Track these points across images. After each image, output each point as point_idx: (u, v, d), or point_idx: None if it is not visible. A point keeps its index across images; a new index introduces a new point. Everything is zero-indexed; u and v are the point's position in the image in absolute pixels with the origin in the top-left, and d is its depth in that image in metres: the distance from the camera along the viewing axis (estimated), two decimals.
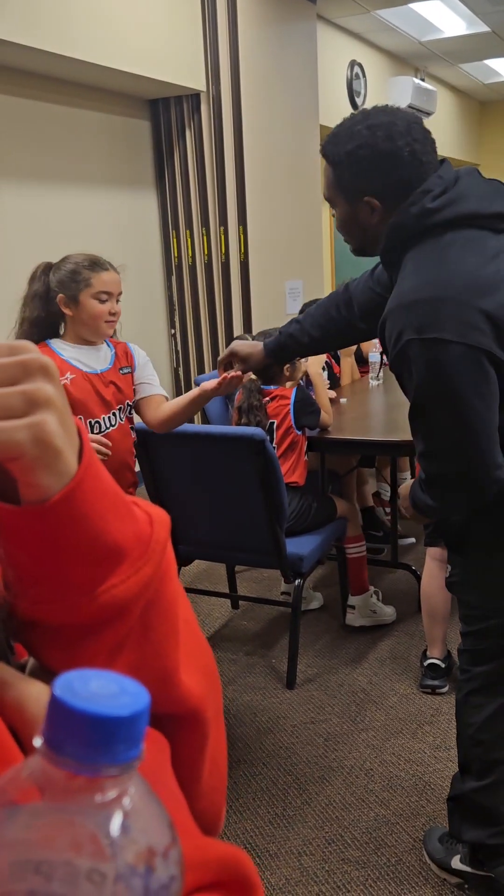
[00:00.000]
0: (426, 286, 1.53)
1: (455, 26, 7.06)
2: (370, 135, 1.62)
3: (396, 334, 1.55)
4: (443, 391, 1.53)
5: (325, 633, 3.39)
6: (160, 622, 0.51)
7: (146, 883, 0.33)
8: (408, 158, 1.62)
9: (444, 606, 2.87)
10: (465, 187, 1.61)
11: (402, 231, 1.61)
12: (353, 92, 7.07)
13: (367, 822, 2.27)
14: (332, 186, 1.73)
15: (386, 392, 4.16)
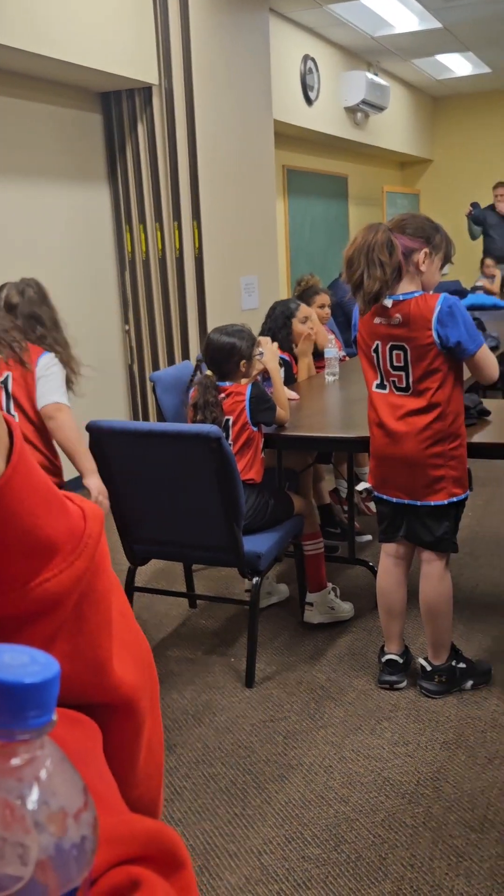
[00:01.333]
0: None
1: (407, 22, 7.09)
2: None
3: None
4: None
5: (284, 630, 3.38)
6: (93, 614, 0.53)
7: (58, 842, 0.36)
8: None
9: (401, 602, 2.88)
10: None
11: None
12: (306, 86, 7.07)
13: (326, 819, 2.27)
14: None
15: (342, 388, 4.16)
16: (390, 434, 2.66)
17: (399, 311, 2.55)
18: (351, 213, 9.22)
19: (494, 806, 2.28)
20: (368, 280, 2.47)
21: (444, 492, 2.64)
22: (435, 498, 2.65)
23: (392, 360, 2.61)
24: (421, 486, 2.65)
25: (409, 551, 2.84)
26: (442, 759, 2.50)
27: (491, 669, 2.92)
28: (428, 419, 2.59)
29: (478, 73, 9.23)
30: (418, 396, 2.59)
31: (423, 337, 2.53)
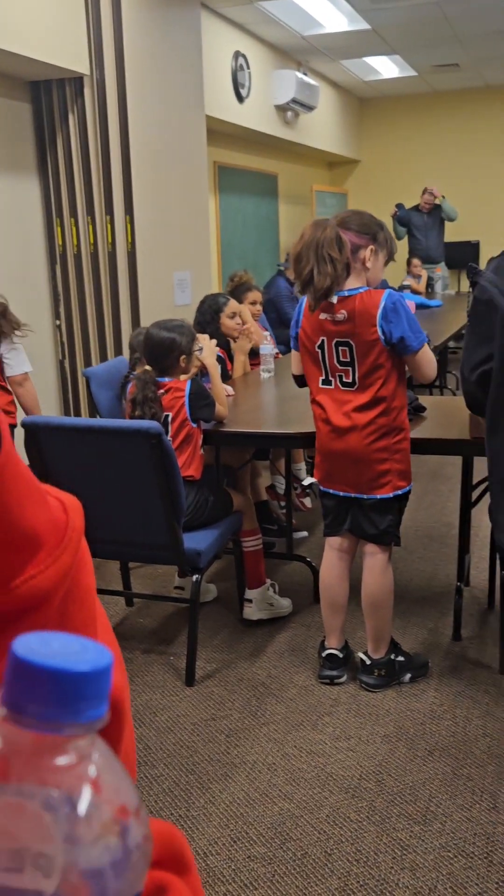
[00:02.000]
0: None
1: (336, 22, 7.13)
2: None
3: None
4: None
5: (223, 627, 3.36)
6: (77, 611, 0.50)
7: (124, 842, 0.33)
8: None
9: (343, 596, 2.89)
10: None
11: None
12: (237, 83, 7.05)
13: (271, 817, 2.26)
14: None
15: (278, 384, 4.16)
16: (336, 429, 2.67)
17: (344, 307, 2.56)
18: (281, 212, 9.25)
19: (436, 798, 2.30)
20: (319, 276, 2.47)
21: (389, 485, 2.67)
22: (381, 491, 2.68)
23: (338, 356, 2.62)
24: (367, 479, 2.68)
25: (352, 545, 2.86)
26: (383, 752, 2.52)
27: (428, 662, 2.96)
28: (373, 414, 2.61)
29: (404, 76, 9.36)
30: (364, 392, 2.61)
31: (368, 333, 2.54)
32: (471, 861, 2.06)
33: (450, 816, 2.23)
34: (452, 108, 10.56)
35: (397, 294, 2.57)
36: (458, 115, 10.54)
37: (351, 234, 2.57)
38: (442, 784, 2.36)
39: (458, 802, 2.28)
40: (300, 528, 4.36)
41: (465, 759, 2.46)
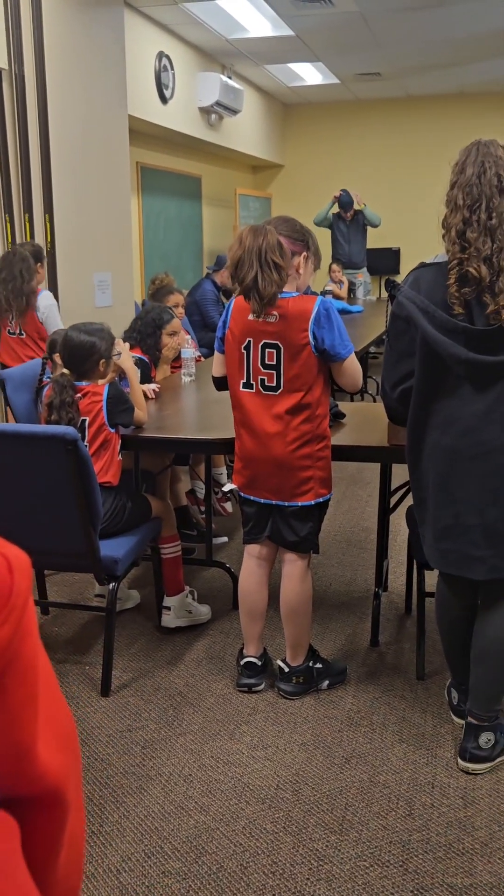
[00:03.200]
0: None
1: (261, 27, 7.15)
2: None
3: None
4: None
5: (141, 635, 3.30)
6: (17, 686, 0.44)
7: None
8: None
9: (262, 603, 2.87)
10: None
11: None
12: (161, 84, 6.99)
13: (186, 830, 2.22)
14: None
15: (199, 389, 4.12)
16: (258, 435, 2.65)
17: (276, 309, 2.55)
18: (205, 214, 9.22)
19: (353, 806, 2.30)
20: (264, 282, 2.47)
21: (311, 493, 2.66)
22: (302, 499, 2.67)
23: (263, 359, 2.59)
24: (289, 487, 2.66)
25: (272, 552, 2.84)
26: (301, 760, 2.50)
27: (346, 669, 2.96)
28: (297, 420, 2.60)
29: (327, 83, 9.45)
30: (288, 396, 2.59)
31: (298, 337, 2.54)
32: (386, 870, 2.07)
33: (366, 825, 2.23)
34: (375, 117, 10.71)
35: (329, 301, 2.59)
36: (381, 123, 10.69)
37: (286, 240, 2.58)
38: (359, 792, 2.36)
39: (374, 810, 2.28)
40: (220, 533, 4.33)
41: (381, 766, 2.47)
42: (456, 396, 2.21)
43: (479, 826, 2.22)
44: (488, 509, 2.24)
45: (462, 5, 6.43)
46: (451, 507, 2.28)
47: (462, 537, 2.28)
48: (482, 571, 2.29)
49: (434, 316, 2.15)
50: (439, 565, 2.38)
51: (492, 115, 10.07)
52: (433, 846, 2.14)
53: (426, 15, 6.69)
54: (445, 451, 2.25)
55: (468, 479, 2.24)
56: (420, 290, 2.20)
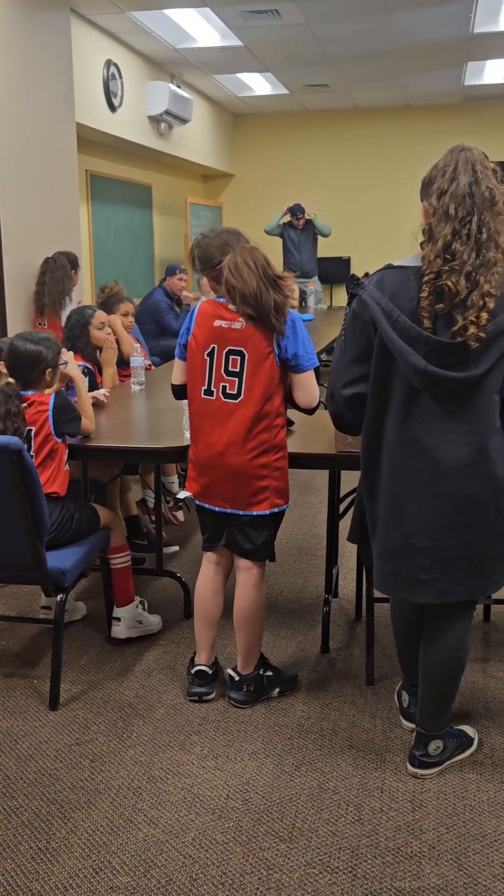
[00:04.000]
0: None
1: (209, 37, 7.17)
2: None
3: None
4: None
5: (90, 647, 3.27)
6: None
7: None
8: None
9: (217, 611, 2.86)
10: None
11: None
12: (109, 92, 6.97)
13: (135, 843, 2.20)
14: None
15: (149, 397, 4.11)
16: (216, 443, 2.64)
17: (242, 315, 2.57)
18: (155, 223, 9.20)
19: (302, 813, 2.30)
20: (268, 298, 2.51)
21: (266, 502, 2.66)
22: (258, 508, 2.67)
23: (227, 366, 2.60)
24: (245, 496, 2.66)
25: (228, 560, 2.85)
26: (251, 769, 2.50)
27: (297, 676, 2.96)
28: (256, 429, 2.60)
29: (276, 93, 9.51)
30: (248, 405, 2.59)
31: (263, 344, 2.55)
32: (335, 876, 2.07)
33: (315, 831, 2.23)
34: (323, 127, 10.81)
35: (295, 312, 2.62)
36: (329, 134, 10.79)
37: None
38: (308, 799, 2.36)
39: (323, 817, 2.28)
40: (171, 542, 4.31)
41: (331, 772, 2.48)
42: (412, 411, 2.14)
43: (427, 829, 2.23)
44: (441, 533, 2.18)
45: (405, 14, 6.53)
46: (401, 528, 2.22)
47: (409, 559, 2.22)
48: (427, 595, 2.24)
49: (397, 321, 2.07)
50: (383, 587, 2.34)
51: (437, 127, 10.22)
52: (382, 851, 2.15)
53: (371, 26, 6.77)
54: (400, 469, 2.19)
55: (423, 499, 2.17)
56: (384, 291, 2.12)
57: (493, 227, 2.05)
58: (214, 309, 2.63)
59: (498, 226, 2.06)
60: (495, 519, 2.19)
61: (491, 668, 3.06)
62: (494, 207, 2.06)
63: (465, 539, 2.18)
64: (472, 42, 7.32)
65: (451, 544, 2.18)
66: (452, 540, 2.18)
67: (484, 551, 2.21)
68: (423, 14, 6.44)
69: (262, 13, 6.36)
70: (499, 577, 2.27)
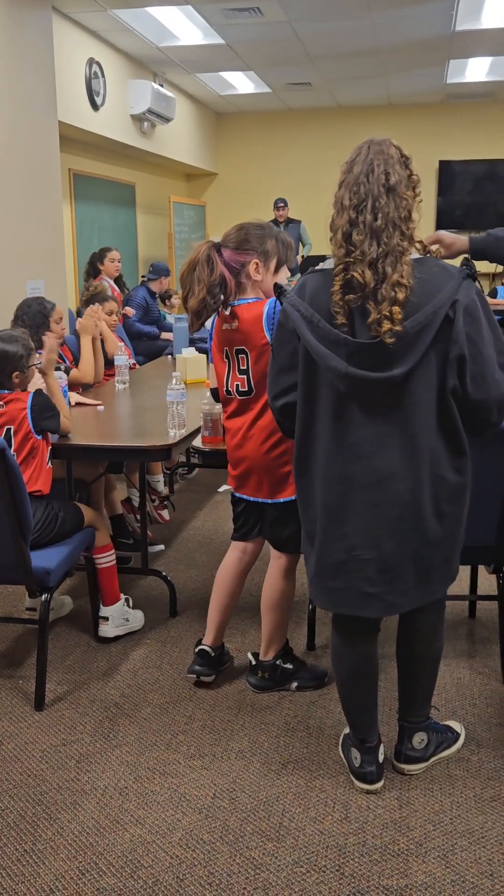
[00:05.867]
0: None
1: (191, 35, 7.15)
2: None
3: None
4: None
5: (76, 647, 3.25)
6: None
7: None
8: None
9: (231, 596, 2.89)
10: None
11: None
12: (91, 91, 6.94)
13: (122, 844, 2.18)
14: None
15: (133, 396, 4.09)
16: (239, 437, 2.71)
17: (236, 316, 2.61)
18: (139, 222, 9.18)
19: (289, 812, 2.29)
20: (192, 298, 2.54)
21: (291, 487, 2.67)
22: (284, 494, 2.70)
23: (238, 365, 2.66)
24: (270, 484, 2.70)
25: (255, 550, 2.89)
26: (237, 768, 2.49)
27: (325, 674, 2.93)
28: (269, 419, 2.61)
29: (259, 92, 9.51)
30: (258, 398, 2.64)
31: (258, 338, 2.58)
32: (323, 875, 2.06)
33: (302, 830, 2.22)
34: (306, 126, 10.81)
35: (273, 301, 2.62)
36: (312, 132, 10.80)
37: (229, 251, 2.62)
38: (295, 797, 2.35)
39: (310, 815, 2.28)
40: (157, 541, 4.30)
41: (317, 770, 2.47)
42: (343, 417, 2.07)
43: (414, 826, 2.23)
44: (384, 542, 2.10)
45: (387, 12, 6.54)
46: (342, 541, 2.13)
47: (354, 573, 2.13)
48: (376, 609, 2.16)
49: (318, 326, 2.02)
50: (327, 605, 2.23)
51: (419, 126, 10.25)
52: (369, 848, 2.15)
53: (353, 24, 6.78)
54: (336, 479, 2.11)
55: (363, 509, 2.09)
56: (305, 296, 2.07)
57: (392, 214, 1.96)
58: (223, 312, 2.68)
59: (401, 212, 1.97)
60: (437, 523, 2.12)
61: (476, 665, 3.06)
62: (393, 193, 1.96)
63: (408, 547, 2.11)
64: (454, 40, 7.34)
65: (396, 553, 2.11)
66: (396, 549, 2.11)
67: (428, 557, 2.14)
68: (405, 12, 6.45)
69: (243, 11, 6.35)
70: (443, 580, 2.22)
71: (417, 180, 2.04)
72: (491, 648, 3.17)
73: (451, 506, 2.14)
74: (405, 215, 1.98)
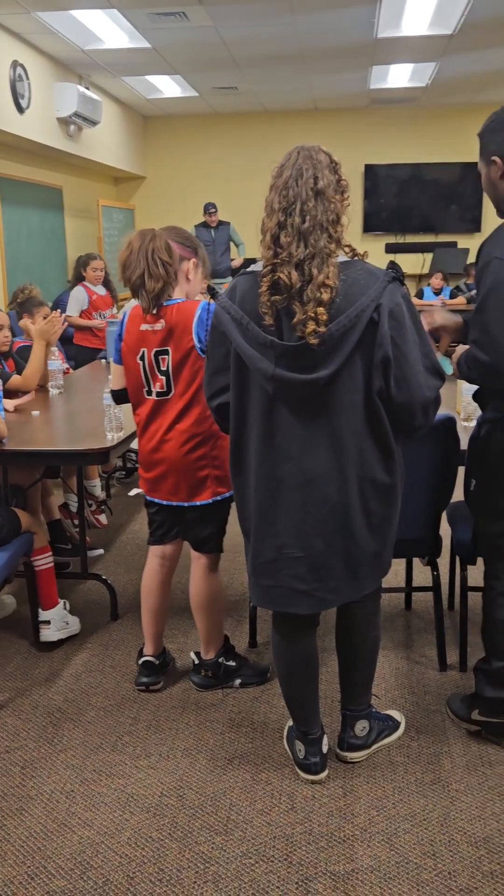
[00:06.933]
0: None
1: (117, 39, 7.13)
2: (500, 110, 2.26)
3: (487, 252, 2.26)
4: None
5: (16, 654, 3.22)
6: None
7: None
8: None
9: (162, 603, 2.90)
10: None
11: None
12: (16, 94, 6.86)
13: (71, 846, 2.18)
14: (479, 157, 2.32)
15: (68, 400, 4.07)
16: (157, 440, 2.70)
17: (164, 315, 2.61)
18: (67, 225, 9.10)
19: (237, 806, 2.32)
20: (150, 280, 2.55)
21: (208, 491, 2.72)
22: (200, 498, 2.72)
23: (158, 366, 2.65)
24: (186, 487, 2.71)
25: (175, 553, 2.89)
26: (184, 766, 2.51)
27: (268, 670, 2.97)
28: (189, 422, 2.65)
29: (186, 95, 9.52)
30: (179, 400, 2.65)
31: (185, 341, 2.60)
32: (272, 865, 2.10)
33: (250, 822, 2.25)
34: (234, 130, 10.86)
35: (213, 304, 2.63)
36: (240, 136, 10.86)
37: (176, 245, 2.65)
38: (242, 791, 2.39)
39: (257, 808, 2.31)
40: (96, 545, 4.29)
41: (263, 763, 2.51)
42: (273, 418, 2.10)
43: (359, 812, 2.28)
44: (314, 541, 2.14)
45: (310, 17, 6.63)
46: (273, 540, 2.17)
47: (286, 571, 2.17)
48: (307, 605, 2.20)
49: (247, 328, 2.05)
50: (261, 602, 2.27)
51: (345, 130, 10.41)
52: (315, 837, 2.19)
53: (277, 29, 6.86)
54: (267, 479, 2.14)
55: (292, 509, 2.13)
56: (235, 299, 2.10)
57: (319, 217, 1.99)
58: (139, 313, 2.68)
59: (329, 215, 2.00)
60: (365, 522, 2.16)
61: (414, 655, 3.14)
62: (321, 197, 1.99)
63: (336, 546, 2.15)
64: (377, 46, 7.48)
65: (325, 552, 2.15)
66: (325, 548, 2.15)
67: (356, 554, 2.18)
68: (328, 18, 6.55)
69: (169, 15, 6.36)
70: (373, 576, 2.26)
71: (346, 185, 2.07)
72: (427, 638, 3.26)
73: (380, 505, 2.18)
74: (333, 219, 2.02)
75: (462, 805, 2.31)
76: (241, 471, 2.24)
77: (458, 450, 2.76)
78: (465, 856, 2.12)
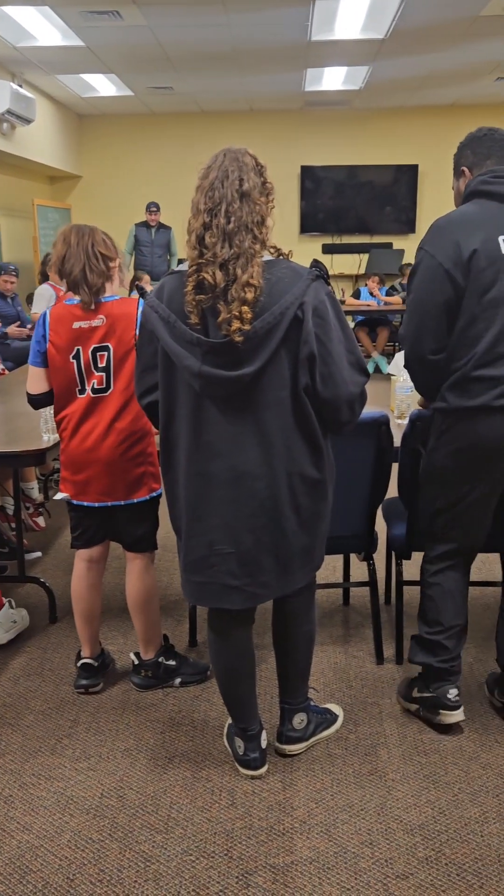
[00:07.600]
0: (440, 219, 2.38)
1: (50, 36, 7.06)
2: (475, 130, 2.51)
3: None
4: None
5: None
6: None
7: None
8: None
9: (94, 606, 2.88)
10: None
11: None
12: None
13: (9, 851, 2.16)
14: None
15: (5, 401, 4.02)
16: (92, 440, 2.68)
17: (103, 312, 2.62)
18: (2, 225, 8.97)
19: (177, 804, 2.33)
20: (91, 274, 2.59)
21: (145, 487, 2.73)
22: (138, 495, 2.73)
23: (95, 363, 2.64)
24: (123, 485, 2.70)
25: (102, 555, 2.87)
26: (124, 767, 2.51)
27: (208, 669, 2.98)
28: (127, 420, 2.65)
29: (121, 95, 9.48)
30: (118, 397, 2.65)
31: (127, 336, 2.61)
32: (212, 861, 2.11)
33: (191, 820, 2.27)
34: (170, 130, 10.85)
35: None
36: (176, 137, 10.84)
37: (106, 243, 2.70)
38: (182, 789, 2.40)
39: (198, 805, 2.33)
40: (33, 548, 4.24)
41: (203, 761, 2.52)
42: (201, 415, 2.12)
43: (298, 806, 2.31)
44: (244, 536, 2.15)
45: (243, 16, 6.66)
46: (204, 537, 2.19)
47: (216, 567, 2.19)
48: (239, 600, 2.22)
49: (174, 326, 2.07)
50: (194, 599, 2.28)
51: (280, 131, 10.47)
52: (255, 831, 2.22)
53: (211, 29, 6.87)
54: (196, 476, 2.16)
55: (221, 505, 2.14)
56: (163, 298, 2.12)
57: (245, 218, 2.02)
58: (69, 311, 2.65)
59: (254, 216, 2.03)
60: (294, 516, 2.18)
61: (351, 649, 3.19)
62: (247, 198, 2.03)
63: (266, 541, 2.17)
64: (311, 49, 7.56)
65: (255, 547, 2.17)
66: (255, 543, 2.16)
67: (286, 549, 2.20)
68: (261, 17, 6.59)
69: (103, 14, 6.33)
70: (305, 570, 2.29)
71: (271, 188, 2.11)
72: (364, 633, 3.31)
73: (310, 501, 2.21)
74: (258, 220, 2.05)
75: (398, 794, 2.36)
76: (170, 468, 2.24)
77: (392, 447, 2.82)
78: (401, 843, 2.16)
